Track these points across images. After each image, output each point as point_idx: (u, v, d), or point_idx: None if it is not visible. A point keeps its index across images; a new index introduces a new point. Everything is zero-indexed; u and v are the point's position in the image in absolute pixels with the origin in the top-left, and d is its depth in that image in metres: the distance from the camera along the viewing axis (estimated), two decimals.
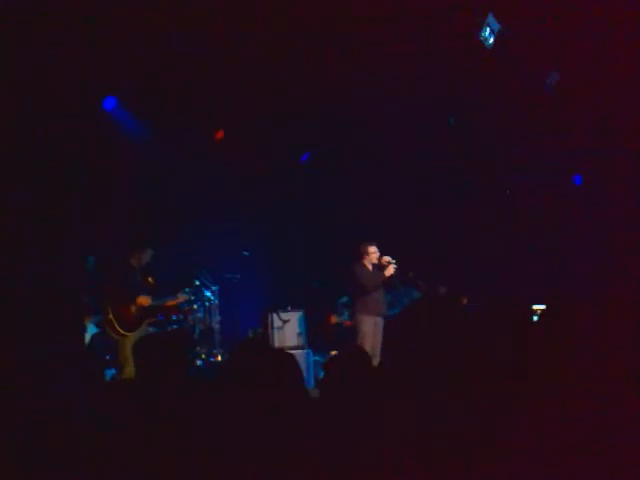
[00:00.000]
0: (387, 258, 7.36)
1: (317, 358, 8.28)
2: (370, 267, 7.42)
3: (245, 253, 8.48)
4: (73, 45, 6.18)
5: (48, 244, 6.85)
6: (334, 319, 9.21)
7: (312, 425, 2.09)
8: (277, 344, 8.12)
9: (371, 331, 7.14)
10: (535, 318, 2.26)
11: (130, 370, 6.13)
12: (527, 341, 2.14)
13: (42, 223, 6.96)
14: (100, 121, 7.65)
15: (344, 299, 9.23)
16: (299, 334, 8.39)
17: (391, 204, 9.42)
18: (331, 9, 6.63)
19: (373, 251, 7.39)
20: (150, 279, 6.94)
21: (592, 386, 1.96)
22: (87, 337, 7.66)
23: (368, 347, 6.67)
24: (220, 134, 8.65)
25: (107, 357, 7.27)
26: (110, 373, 7.08)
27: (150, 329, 7.05)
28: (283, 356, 2.44)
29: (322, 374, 2.94)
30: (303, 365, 7.72)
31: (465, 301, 7.91)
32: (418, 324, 2.17)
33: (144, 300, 6.75)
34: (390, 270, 7.29)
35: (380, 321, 7.25)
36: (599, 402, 1.90)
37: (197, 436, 2.24)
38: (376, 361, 6.13)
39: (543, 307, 2.37)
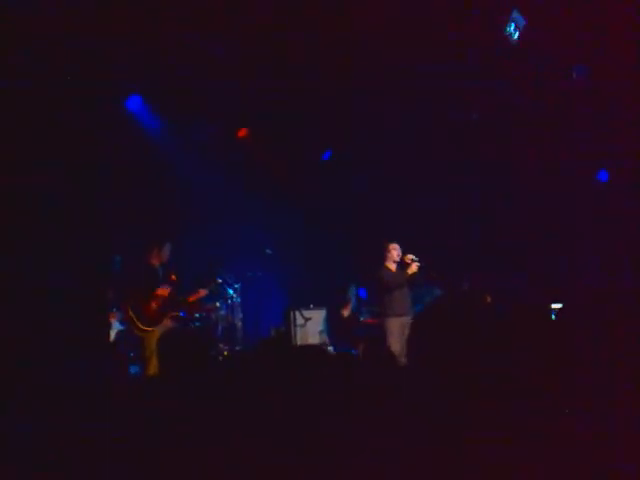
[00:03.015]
0: (410, 256, 7.29)
1: None
2: (393, 266, 7.36)
3: (268, 251, 8.49)
4: (94, 44, 6.24)
5: (75, 243, 6.94)
6: (346, 313, 9.10)
7: (332, 425, 2.09)
8: (299, 342, 8.13)
9: (399, 332, 7.03)
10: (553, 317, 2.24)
11: (154, 366, 6.17)
12: (548, 340, 2.11)
13: (70, 222, 7.05)
14: (124, 121, 7.73)
15: (352, 290, 9.17)
16: (321, 332, 8.39)
17: (413, 202, 9.35)
18: (355, 5, 6.61)
19: (394, 248, 7.32)
20: (173, 276, 6.97)
21: (613, 384, 1.92)
22: (112, 334, 7.76)
23: (397, 348, 6.56)
24: (243, 132, 8.68)
25: (131, 354, 7.34)
26: (134, 369, 7.14)
27: (172, 325, 7.07)
28: (302, 355, 2.44)
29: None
30: None
31: (489, 299, 7.81)
32: (441, 322, 2.13)
33: (163, 291, 6.78)
34: (413, 268, 7.21)
35: (408, 321, 7.15)
36: (620, 402, 1.86)
37: (216, 432, 2.25)
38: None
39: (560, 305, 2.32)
